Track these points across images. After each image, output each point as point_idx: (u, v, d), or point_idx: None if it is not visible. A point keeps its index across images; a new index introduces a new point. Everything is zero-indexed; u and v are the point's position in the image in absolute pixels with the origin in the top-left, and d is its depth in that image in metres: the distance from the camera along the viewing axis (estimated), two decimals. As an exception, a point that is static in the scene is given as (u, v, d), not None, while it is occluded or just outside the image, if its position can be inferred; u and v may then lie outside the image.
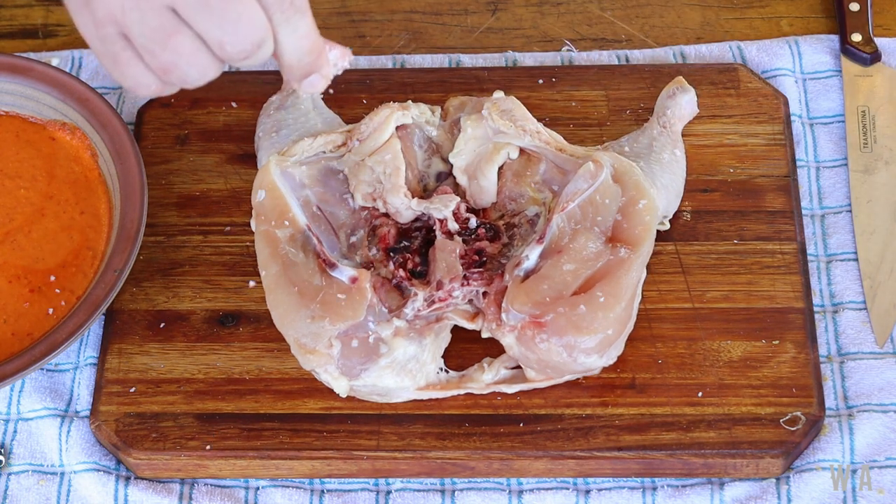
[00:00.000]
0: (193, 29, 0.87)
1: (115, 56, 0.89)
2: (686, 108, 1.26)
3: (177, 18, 0.87)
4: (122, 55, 0.88)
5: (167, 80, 0.91)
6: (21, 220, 1.23)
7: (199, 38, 0.88)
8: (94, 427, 1.17)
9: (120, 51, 0.88)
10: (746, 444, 1.13)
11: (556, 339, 1.11)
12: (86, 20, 0.88)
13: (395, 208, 1.18)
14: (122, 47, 0.88)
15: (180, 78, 0.90)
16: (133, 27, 0.87)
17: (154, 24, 0.86)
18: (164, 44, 0.87)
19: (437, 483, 1.15)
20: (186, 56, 0.88)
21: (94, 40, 0.89)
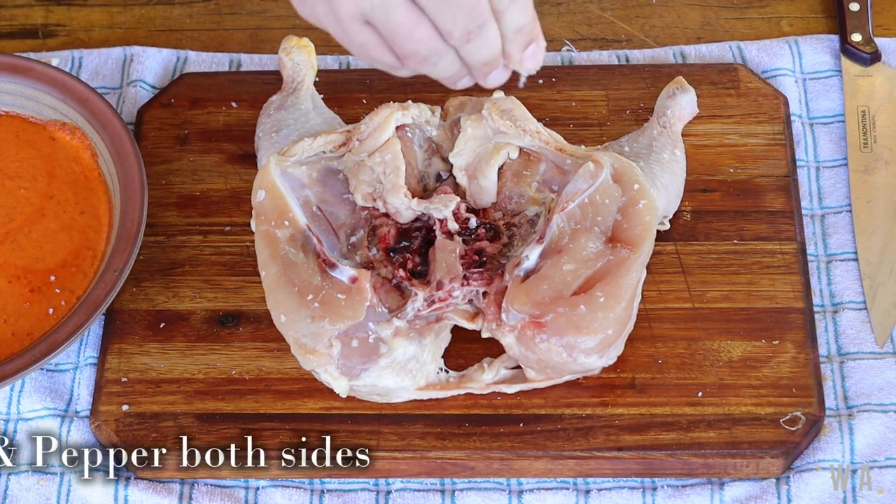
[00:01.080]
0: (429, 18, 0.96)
1: (362, 44, 0.98)
2: (686, 108, 1.26)
3: (418, 11, 0.95)
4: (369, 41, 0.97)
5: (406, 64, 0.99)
6: (21, 220, 1.23)
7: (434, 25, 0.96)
8: (94, 427, 1.17)
9: (367, 38, 0.97)
10: (746, 444, 1.13)
11: (556, 339, 1.11)
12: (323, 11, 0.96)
13: (395, 208, 1.18)
14: (368, 35, 0.97)
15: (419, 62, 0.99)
16: (380, 22, 0.96)
17: (400, 19, 0.95)
18: (409, 35, 0.96)
19: (437, 483, 1.15)
20: (425, 43, 0.97)
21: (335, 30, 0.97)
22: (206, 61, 1.37)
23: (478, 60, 1.00)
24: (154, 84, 1.36)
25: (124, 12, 1.43)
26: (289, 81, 1.28)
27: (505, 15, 0.98)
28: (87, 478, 1.15)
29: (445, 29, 0.97)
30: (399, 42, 0.97)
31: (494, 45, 0.99)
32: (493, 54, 1.00)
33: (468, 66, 1.01)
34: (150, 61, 1.36)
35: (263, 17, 1.42)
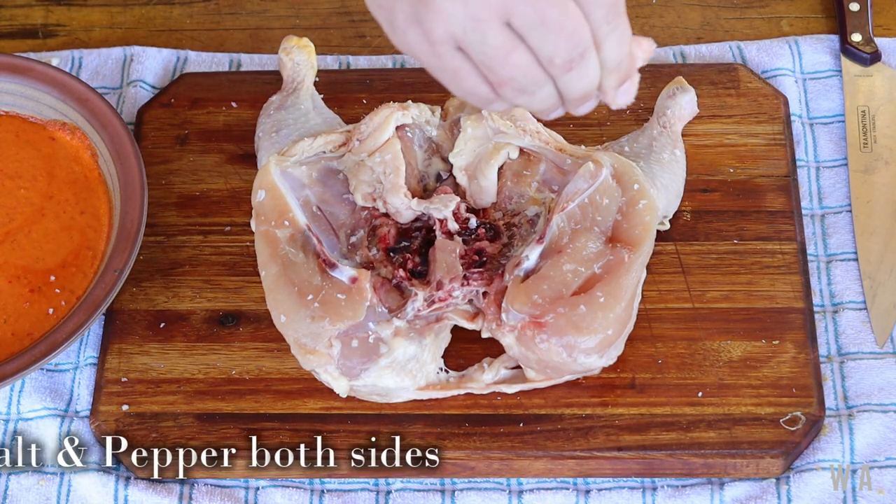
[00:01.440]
0: (528, 44, 0.90)
1: (455, 70, 0.92)
2: (686, 108, 1.26)
3: (514, 36, 0.90)
4: (462, 69, 0.92)
5: (502, 94, 0.94)
6: (21, 220, 1.23)
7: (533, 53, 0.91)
8: (94, 427, 1.17)
9: (459, 65, 0.92)
10: (746, 444, 1.13)
11: (556, 339, 1.11)
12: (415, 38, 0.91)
13: (395, 208, 1.18)
14: (461, 61, 0.91)
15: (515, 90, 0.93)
16: (473, 46, 0.90)
17: (495, 42, 0.90)
18: (504, 60, 0.91)
19: (437, 483, 1.15)
20: (522, 69, 0.91)
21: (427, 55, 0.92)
22: (206, 61, 1.37)
23: (576, 92, 0.95)
24: (154, 84, 1.36)
25: (124, 12, 1.43)
26: (289, 81, 1.28)
27: (605, 44, 0.94)
28: (87, 478, 1.15)
29: (545, 55, 0.92)
30: (494, 68, 0.92)
31: (594, 77, 0.95)
32: (592, 86, 0.96)
33: (564, 98, 0.96)
34: (150, 61, 1.36)
35: (263, 17, 1.42)
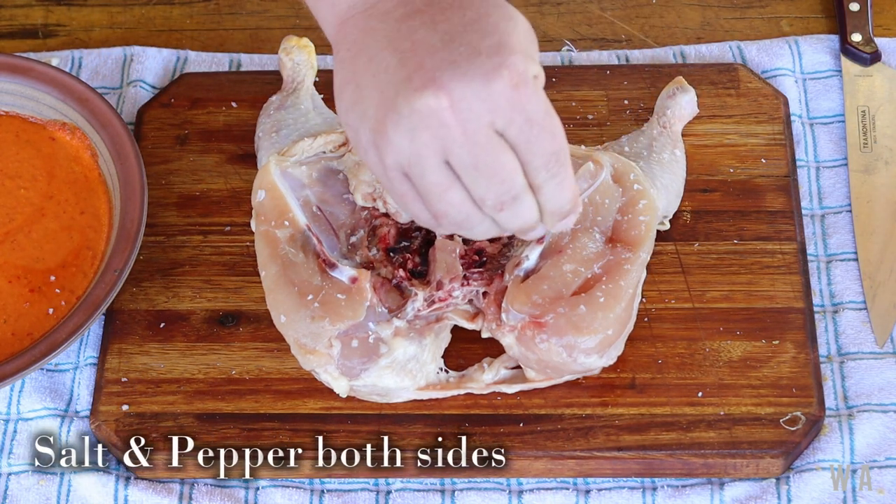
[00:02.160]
0: (463, 184, 0.97)
1: (402, 195, 0.99)
2: (686, 108, 1.26)
3: (452, 175, 0.96)
4: (407, 194, 0.99)
5: (441, 223, 1.01)
6: (21, 220, 1.23)
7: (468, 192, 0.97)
8: (94, 427, 1.17)
9: (406, 191, 0.99)
10: (746, 444, 1.13)
11: (556, 339, 1.11)
12: (373, 159, 0.99)
13: (395, 208, 1.18)
14: (407, 188, 0.99)
15: (451, 224, 1.00)
16: (415, 178, 0.97)
17: (433, 179, 0.97)
18: (440, 196, 0.98)
19: (436, 483, 1.15)
20: (456, 206, 0.98)
21: (381, 176, 1.00)
22: (206, 61, 1.37)
23: (512, 228, 1.00)
24: (154, 84, 1.36)
25: (124, 12, 1.43)
26: (289, 81, 1.28)
27: (543, 190, 0.98)
28: (87, 478, 1.15)
29: (478, 196, 0.97)
30: (432, 202, 0.98)
31: (529, 216, 0.99)
32: (528, 223, 1.00)
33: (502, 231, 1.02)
34: (150, 61, 1.36)
35: (263, 17, 1.42)
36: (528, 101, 0.95)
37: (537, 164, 0.97)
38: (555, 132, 0.97)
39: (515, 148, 0.96)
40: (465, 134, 0.94)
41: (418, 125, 0.94)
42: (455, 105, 0.94)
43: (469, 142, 0.95)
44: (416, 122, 0.94)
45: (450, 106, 0.94)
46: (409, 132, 0.95)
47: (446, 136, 0.95)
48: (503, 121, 0.95)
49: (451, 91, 0.94)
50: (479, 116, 0.94)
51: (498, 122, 0.95)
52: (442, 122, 0.94)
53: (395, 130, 0.95)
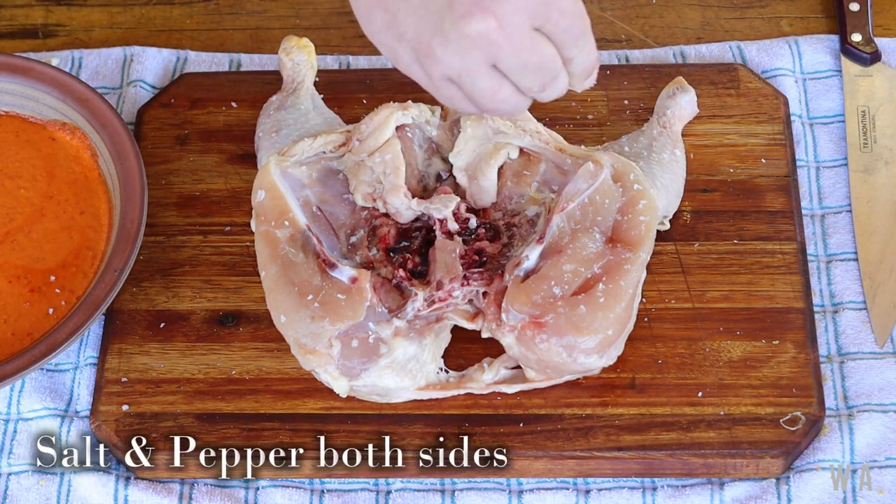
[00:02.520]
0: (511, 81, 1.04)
1: (450, 97, 1.06)
2: (686, 108, 1.26)
3: (500, 76, 1.04)
4: (456, 96, 1.06)
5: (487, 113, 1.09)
6: (21, 220, 1.23)
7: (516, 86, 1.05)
8: (94, 427, 1.17)
9: (454, 93, 1.06)
10: (746, 444, 1.13)
11: (556, 339, 1.11)
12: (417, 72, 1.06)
13: (395, 208, 1.18)
14: (455, 91, 1.06)
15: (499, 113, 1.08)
16: (466, 86, 1.04)
17: (484, 84, 1.04)
18: (492, 97, 1.05)
19: (437, 483, 1.15)
20: (507, 101, 1.06)
21: (426, 84, 1.07)
22: (206, 61, 1.37)
23: (547, 99, 1.08)
24: (154, 84, 1.36)
25: (124, 12, 1.43)
26: (289, 81, 1.28)
27: (574, 61, 1.06)
28: (87, 478, 1.15)
29: (525, 86, 1.05)
30: (484, 102, 1.06)
31: (564, 86, 1.08)
32: (561, 92, 1.08)
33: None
34: (150, 61, 1.36)
35: (263, 17, 1.42)
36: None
37: (570, 44, 1.05)
38: (582, 14, 1.04)
39: (552, 37, 1.04)
40: (511, 44, 1.02)
41: (468, 46, 1.01)
42: (501, 23, 1.01)
43: (515, 47, 1.02)
44: (466, 45, 1.01)
45: (497, 26, 1.01)
46: (458, 51, 1.02)
47: (495, 50, 1.02)
48: (541, 19, 1.02)
49: (497, 12, 1.00)
50: (522, 25, 1.01)
51: (536, 21, 1.02)
52: (491, 41, 1.01)
53: (444, 51, 1.02)
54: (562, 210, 1.16)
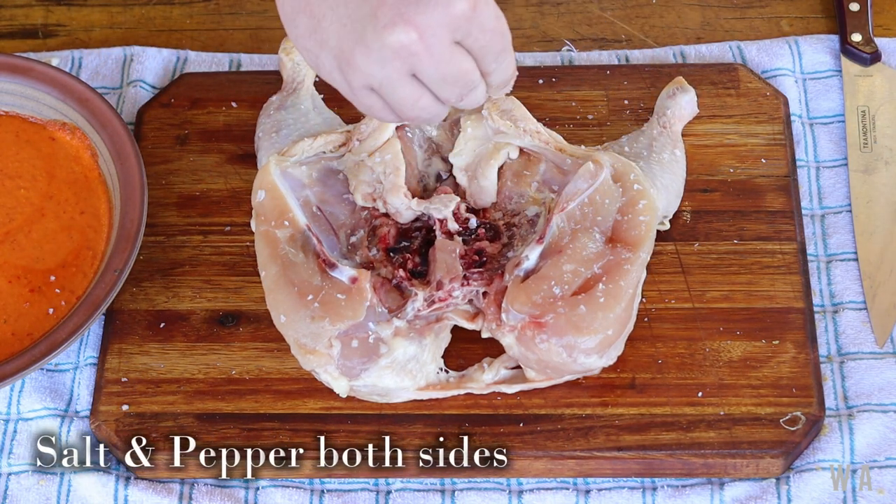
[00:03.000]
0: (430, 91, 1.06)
1: (369, 106, 1.07)
2: (686, 108, 1.26)
3: (421, 86, 1.05)
4: (375, 105, 1.07)
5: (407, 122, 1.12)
6: (21, 220, 1.23)
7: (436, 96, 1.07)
8: (94, 427, 1.17)
9: (373, 103, 1.07)
10: (746, 444, 1.13)
11: (556, 339, 1.11)
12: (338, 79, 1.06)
13: (395, 208, 1.18)
14: (375, 100, 1.07)
15: (418, 121, 1.11)
16: (386, 95, 1.05)
17: (404, 94, 1.05)
18: (412, 105, 1.06)
19: (437, 483, 1.15)
20: (426, 110, 1.07)
21: (346, 92, 1.07)
22: (206, 61, 1.37)
23: (467, 108, 1.10)
24: (154, 84, 1.36)
25: (124, 12, 1.43)
26: (289, 81, 1.28)
27: (493, 76, 1.08)
28: (87, 478, 1.15)
29: (444, 97, 1.07)
30: (404, 110, 1.07)
31: (482, 98, 1.09)
32: (480, 102, 1.10)
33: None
34: (150, 61, 1.36)
35: (263, 17, 1.42)
36: (482, 13, 1.03)
37: (490, 60, 1.06)
38: (504, 32, 1.06)
39: (472, 52, 1.05)
40: (431, 56, 1.03)
41: (389, 56, 1.02)
42: (423, 35, 1.01)
43: (435, 60, 1.03)
44: (387, 55, 1.02)
45: (419, 38, 1.01)
46: (379, 61, 1.03)
47: (415, 61, 1.03)
48: (462, 34, 1.03)
49: (419, 24, 1.01)
50: (443, 38, 1.02)
51: (457, 35, 1.03)
52: (411, 52, 1.02)
53: (365, 61, 1.03)
54: (562, 210, 1.16)
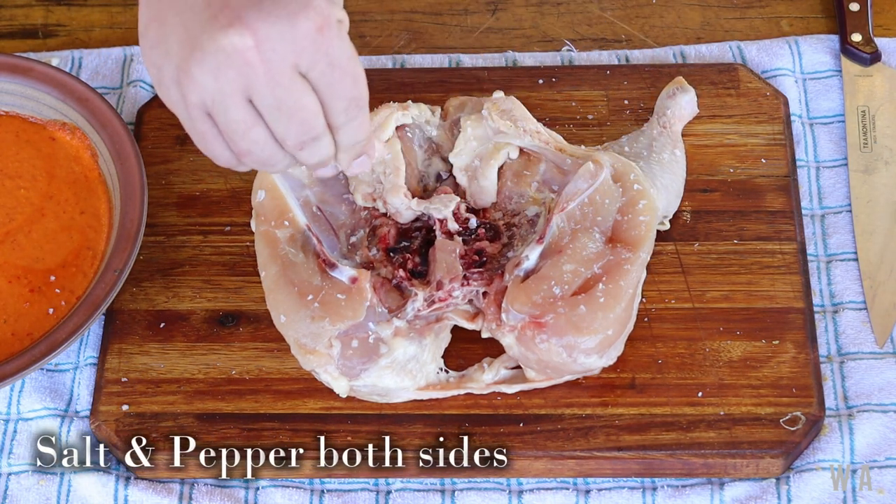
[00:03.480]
0: (265, 122, 0.99)
1: (203, 134, 1.00)
2: (686, 108, 1.26)
3: (255, 113, 0.98)
4: (208, 133, 1.00)
5: (243, 161, 1.02)
6: (21, 220, 1.23)
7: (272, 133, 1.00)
8: (94, 427, 1.17)
9: (207, 129, 1.00)
10: (746, 444, 1.13)
11: (556, 339, 1.11)
12: (175, 97, 0.99)
13: (395, 208, 1.18)
14: (208, 127, 1.00)
15: (254, 162, 1.02)
16: (218, 116, 0.98)
17: (236, 117, 0.98)
18: (243, 134, 0.99)
19: (437, 483, 1.15)
20: (259, 145, 1.00)
21: (182, 115, 1.00)
22: (206, 61, 1.37)
23: (309, 163, 1.04)
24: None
25: (124, 12, 1.43)
26: (289, 81, 1.28)
27: (341, 131, 1.01)
28: (87, 478, 1.15)
29: (279, 135, 1.00)
30: (235, 140, 1.00)
31: (327, 154, 1.03)
32: (324, 160, 1.04)
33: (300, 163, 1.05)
34: (150, 61, 1.36)
35: (263, 17, 1.42)
36: (331, 44, 0.97)
37: (338, 108, 1.00)
38: (357, 77, 0.99)
39: (317, 90, 0.98)
40: (268, 73, 0.96)
41: (223, 63, 0.95)
42: (260, 44, 0.95)
43: (272, 82, 0.96)
44: (220, 60, 0.95)
45: (255, 45, 0.95)
46: (213, 70, 0.96)
47: (250, 75, 0.96)
48: (307, 63, 0.97)
49: (257, 30, 0.95)
50: (283, 57, 0.96)
51: (302, 63, 0.96)
52: (246, 60, 0.95)
53: (199, 68, 0.96)
54: (562, 210, 1.16)
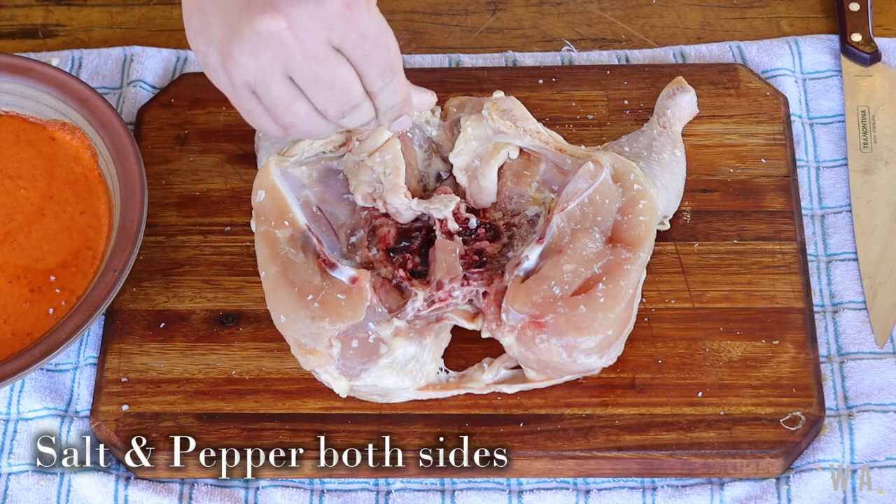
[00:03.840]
0: (306, 96, 1.06)
1: (250, 110, 1.08)
2: (686, 108, 1.26)
3: (296, 89, 1.05)
4: (255, 110, 1.08)
5: (290, 133, 1.09)
6: (21, 220, 1.23)
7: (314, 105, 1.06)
8: (94, 427, 1.17)
9: (253, 106, 1.07)
10: (746, 444, 1.13)
11: (555, 339, 1.11)
12: (222, 78, 1.07)
13: (395, 208, 1.18)
14: (255, 104, 1.07)
15: (299, 132, 1.09)
16: (262, 94, 1.06)
17: (278, 93, 1.05)
18: (286, 109, 1.06)
19: (437, 483, 1.15)
20: (302, 117, 1.07)
21: (230, 94, 1.08)
22: (206, 61, 1.37)
23: (352, 127, 1.10)
24: (154, 84, 1.36)
25: (124, 12, 1.43)
26: (289, 81, 1.28)
27: (379, 96, 1.08)
28: (87, 478, 1.15)
29: (321, 107, 1.07)
30: (279, 114, 1.07)
31: (367, 117, 1.09)
32: (366, 123, 1.10)
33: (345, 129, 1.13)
34: (150, 61, 1.36)
35: (263, 17, 1.42)
36: (360, 18, 1.03)
37: (373, 75, 1.06)
38: (389, 46, 1.05)
39: (352, 61, 1.05)
40: (303, 51, 1.03)
41: (260, 45, 1.03)
42: (293, 26, 1.02)
43: (308, 58, 1.03)
44: (258, 44, 1.03)
45: (288, 27, 1.02)
46: (252, 52, 1.03)
47: (287, 55, 1.03)
48: (338, 37, 1.03)
49: (288, 14, 1.02)
50: (316, 35, 1.02)
51: (334, 38, 1.03)
52: (281, 41, 1.02)
53: (240, 51, 1.03)
54: (562, 210, 1.16)
